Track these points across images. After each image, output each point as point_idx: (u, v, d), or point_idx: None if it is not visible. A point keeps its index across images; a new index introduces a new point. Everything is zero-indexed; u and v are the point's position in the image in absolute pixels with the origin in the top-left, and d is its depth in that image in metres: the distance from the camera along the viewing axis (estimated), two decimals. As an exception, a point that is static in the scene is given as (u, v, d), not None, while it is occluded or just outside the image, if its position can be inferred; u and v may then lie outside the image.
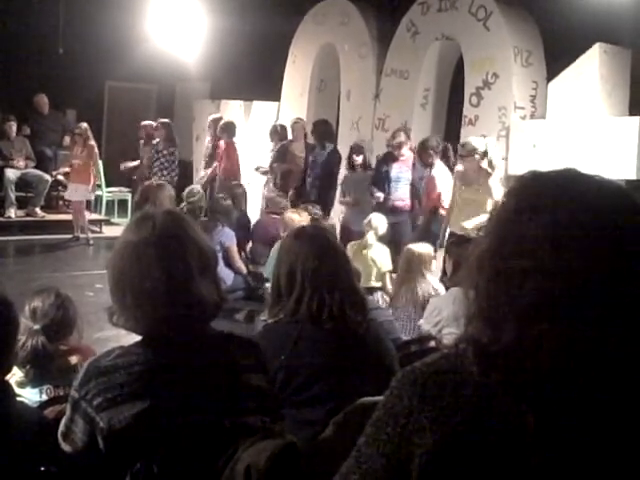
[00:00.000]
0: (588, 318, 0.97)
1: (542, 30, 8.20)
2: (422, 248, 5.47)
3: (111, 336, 2.11)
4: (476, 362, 1.05)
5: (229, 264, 7.29)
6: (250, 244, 8.34)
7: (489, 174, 6.64)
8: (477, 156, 6.63)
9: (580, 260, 0.98)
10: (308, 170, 9.34)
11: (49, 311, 2.91)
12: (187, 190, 7.88)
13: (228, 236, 7.41)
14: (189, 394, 1.84)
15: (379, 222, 6.71)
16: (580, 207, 1.02)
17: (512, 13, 8.17)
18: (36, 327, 2.84)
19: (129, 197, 12.16)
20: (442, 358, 1.14)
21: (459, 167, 6.96)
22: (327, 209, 8.78)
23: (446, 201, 7.22)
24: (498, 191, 6.44)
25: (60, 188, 11.87)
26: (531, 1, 8.11)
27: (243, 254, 7.95)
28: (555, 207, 1.03)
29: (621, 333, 0.97)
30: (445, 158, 7.69)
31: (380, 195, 7.98)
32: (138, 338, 1.90)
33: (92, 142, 10.73)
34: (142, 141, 11.31)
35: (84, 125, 10.79)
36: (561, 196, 1.05)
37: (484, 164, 6.65)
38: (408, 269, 5.34)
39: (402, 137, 8.11)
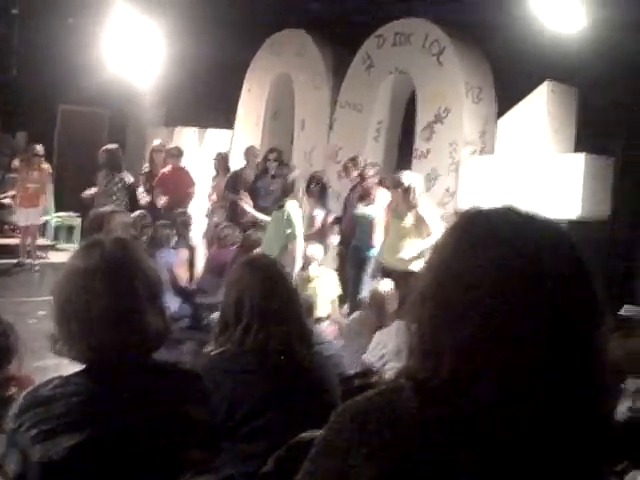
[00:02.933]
0: (523, 357, 0.98)
1: (493, 67, 8.39)
2: (388, 287, 5.53)
3: (51, 365, 2.07)
4: (414, 396, 1.06)
5: (175, 289, 7.24)
6: (200, 274, 8.28)
7: (415, 207, 6.77)
8: (399, 190, 6.78)
9: (516, 299, 1.00)
10: (259, 198, 9.33)
11: None
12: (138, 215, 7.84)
13: (171, 256, 7.40)
14: (129, 426, 1.81)
15: (315, 251, 6.79)
16: (518, 246, 1.04)
17: (465, 49, 8.34)
18: None
19: (77, 223, 11.99)
20: (382, 393, 1.14)
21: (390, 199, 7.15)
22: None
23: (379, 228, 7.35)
24: (432, 223, 6.61)
25: (5, 213, 11.63)
26: (483, 38, 8.28)
27: (189, 283, 7.88)
28: (494, 245, 1.05)
29: (555, 372, 0.99)
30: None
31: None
32: (79, 368, 1.87)
33: (46, 164, 10.58)
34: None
35: (39, 147, 10.60)
36: (500, 234, 1.07)
37: (409, 198, 6.78)
38: (374, 306, 5.37)
39: (348, 162, 8.27)
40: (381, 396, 1.13)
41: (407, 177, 6.96)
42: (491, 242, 1.06)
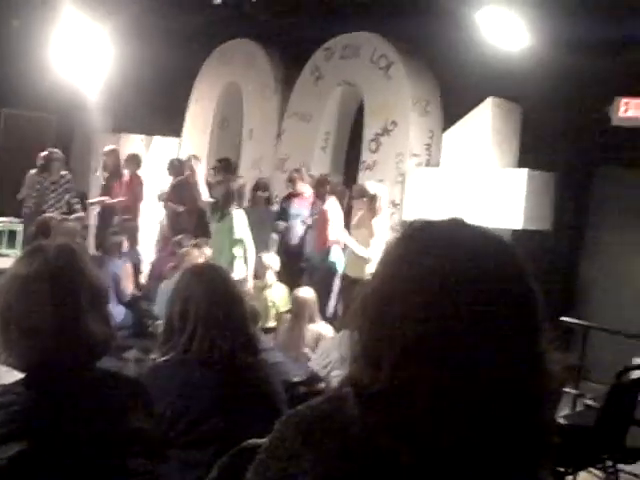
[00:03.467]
0: (457, 367, 1.01)
1: (439, 82, 8.53)
2: (307, 293, 5.54)
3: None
4: (357, 403, 1.07)
5: (120, 298, 7.17)
6: (146, 281, 8.22)
7: (375, 217, 6.87)
8: (365, 199, 6.85)
9: (452, 309, 1.02)
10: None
11: None
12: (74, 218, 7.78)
13: (119, 266, 7.33)
14: (71, 435, 1.78)
15: (272, 261, 6.78)
16: (456, 257, 1.06)
17: (412, 64, 8.46)
18: None
19: (19, 228, 11.75)
20: (326, 401, 1.15)
21: (353, 210, 7.19)
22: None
23: (333, 235, 7.34)
24: (381, 233, 6.66)
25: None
26: (430, 54, 8.41)
27: (134, 290, 7.80)
28: (434, 255, 1.06)
29: (491, 381, 1.01)
30: (341, 200, 7.81)
31: (282, 224, 8.09)
32: (20, 376, 1.84)
33: None
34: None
35: (57, 151, 10.37)
36: (441, 244, 1.08)
37: (373, 208, 6.86)
38: (297, 314, 5.39)
39: (294, 173, 8.31)
40: (324, 404, 1.14)
41: (373, 186, 7.05)
42: (431, 252, 1.07)
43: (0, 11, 10.76)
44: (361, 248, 6.72)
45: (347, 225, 7.61)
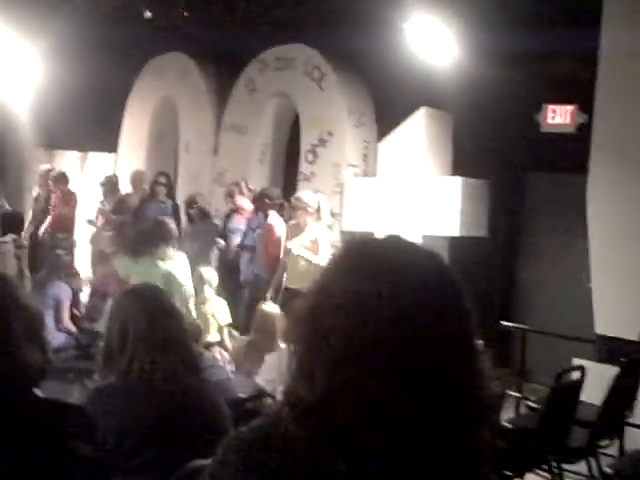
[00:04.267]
0: (384, 370, 1.05)
1: (372, 92, 8.64)
2: (275, 309, 5.55)
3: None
4: (293, 417, 1.09)
5: (61, 321, 7.04)
6: (87, 300, 8.09)
7: (317, 226, 6.95)
8: (309, 209, 6.89)
9: (377, 323, 1.06)
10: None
11: None
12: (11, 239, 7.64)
13: (63, 290, 7.18)
14: (11, 465, 1.77)
15: (210, 275, 6.75)
16: (383, 273, 1.10)
17: (345, 75, 8.55)
18: None
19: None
20: (266, 421, 1.17)
21: (292, 221, 7.19)
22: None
23: (294, 248, 7.35)
24: (325, 242, 6.78)
25: None
26: (363, 66, 8.51)
27: (76, 311, 7.68)
28: (364, 271, 1.11)
29: (416, 385, 1.05)
30: (280, 213, 7.82)
31: (221, 242, 8.08)
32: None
33: None
34: None
35: None
36: (372, 261, 1.13)
37: (314, 218, 6.92)
38: (267, 328, 5.35)
39: (233, 187, 8.32)
40: (266, 425, 1.16)
41: (313, 197, 7.13)
42: (363, 268, 1.11)
43: None
44: (316, 257, 6.76)
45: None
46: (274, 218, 7.65)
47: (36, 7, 9.39)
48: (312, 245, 6.89)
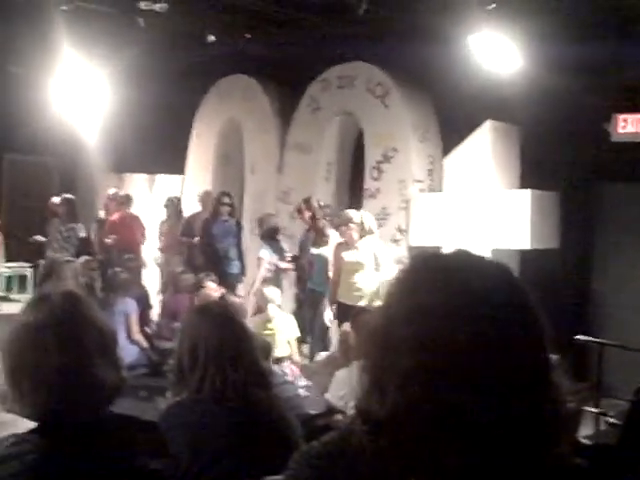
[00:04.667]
0: (459, 385, 1.03)
1: (436, 107, 8.58)
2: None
3: (9, 420, 2.00)
4: (365, 432, 1.08)
5: (131, 337, 7.15)
6: (158, 318, 8.22)
7: (367, 241, 7.04)
8: (352, 225, 6.89)
9: (452, 337, 1.04)
10: (216, 242, 9.32)
11: None
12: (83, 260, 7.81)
13: (130, 305, 7.32)
14: (86, 480, 1.78)
15: (273, 294, 6.81)
16: (458, 287, 1.09)
17: (408, 90, 8.52)
18: None
19: (29, 273, 11.82)
20: (338, 436, 1.17)
21: (340, 239, 7.26)
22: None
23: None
24: (384, 256, 6.89)
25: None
26: (426, 79, 8.46)
27: (147, 329, 7.79)
28: (435, 285, 1.10)
29: (489, 399, 1.02)
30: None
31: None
32: (33, 424, 1.84)
33: None
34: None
35: (69, 197, 10.47)
36: (443, 276, 1.11)
37: (360, 233, 7.01)
38: (346, 350, 5.34)
39: (302, 204, 8.31)
40: (337, 439, 1.16)
41: (355, 212, 7.22)
42: (434, 283, 1.10)
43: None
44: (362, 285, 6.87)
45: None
46: (334, 236, 7.68)
47: (103, 34, 9.65)
48: (368, 260, 6.93)
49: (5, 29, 9.51)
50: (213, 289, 6.96)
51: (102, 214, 10.89)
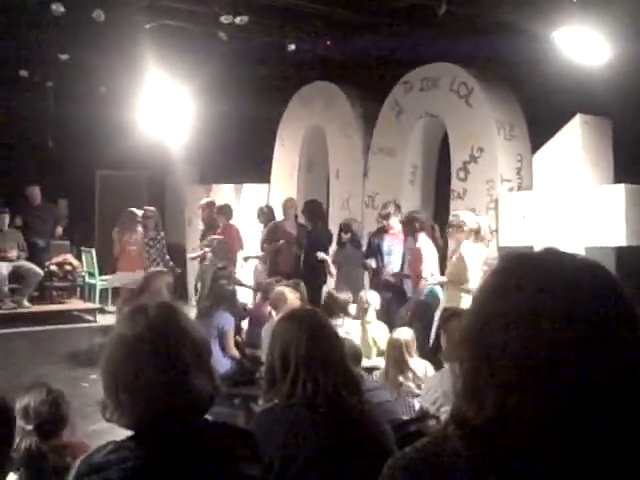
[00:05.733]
0: (564, 390, 0.99)
1: (523, 103, 8.40)
2: (405, 334, 5.47)
3: (107, 428, 2.05)
4: (461, 436, 1.07)
5: (225, 350, 7.22)
6: (247, 327, 8.30)
7: (472, 246, 6.83)
8: (465, 228, 6.75)
9: (553, 341, 1.01)
10: (301, 248, 9.40)
11: (41, 409, 2.86)
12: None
13: (227, 320, 7.38)
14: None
15: (374, 298, 6.77)
16: (554, 289, 1.05)
17: (493, 88, 8.37)
18: (29, 428, 2.78)
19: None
20: (431, 441, 1.15)
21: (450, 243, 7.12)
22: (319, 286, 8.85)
23: (426, 272, 7.28)
24: (473, 263, 6.68)
25: (54, 279, 11.87)
26: (511, 76, 8.31)
27: (238, 338, 7.88)
28: (532, 287, 1.06)
29: (595, 403, 0.99)
30: (432, 236, 7.71)
31: (372, 263, 8.06)
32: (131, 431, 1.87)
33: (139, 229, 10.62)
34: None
35: (138, 211, 10.77)
36: (538, 277, 1.08)
37: (472, 238, 6.79)
38: (395, 356, 5.30)
39: (390, 208, 8.22)
40: (430, 444, 1.14)
41: (471, 216, 7.02)
42: (529, 285, 1.07)
43: (87, 79, 11.27)
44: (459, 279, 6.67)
45: (444, 257, 7.52)
46: (423, 241, 7.56)
47: (186, 49, 9.87)
48: (456, 264, 6.77)
49: (94, 51, 9.85)
50: (292, 297, 6.94)
51: (201, 225, 11.02)
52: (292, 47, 9.34)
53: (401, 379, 5.13)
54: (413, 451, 1.15)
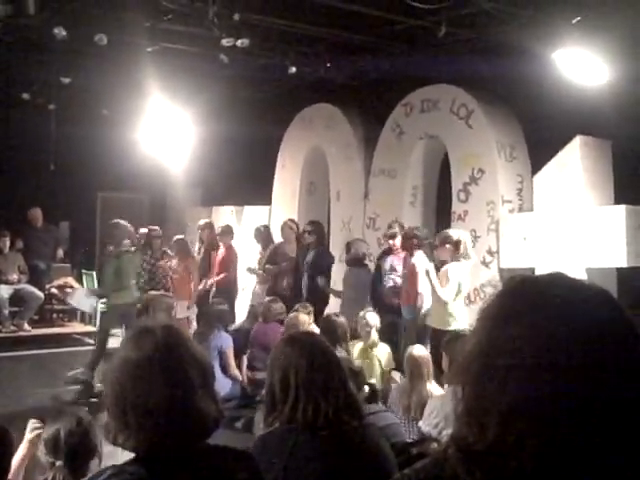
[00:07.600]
0: (568, 418, 0.98)
1: (523, 125, 8.42)
2: (421, 351, 5.45)
3: (106, 452, 2.02)
4: (461, 461, 1.06)
5: (225, 371, 7.19)
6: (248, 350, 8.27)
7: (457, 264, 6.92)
8: (448, 245, 6.84)
9: (558, 367, 1.00)
10: (303, 270, 9.37)
11: (71, 441, 2.77)
12: None
13: (225, 340, 7.36)
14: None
15: (375, 320, 6.75)
16: (561, 314, 1.05)
17: (493, 110, 8.40)
18: (58, 463, 2.71)
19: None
20: (430, 463, 1.15)
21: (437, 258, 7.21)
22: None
23: (421, 287, 7.36)
24: (454, 277, 6.82)
25: (54, 302, 11.85)
26: (511, 97, 8.33)
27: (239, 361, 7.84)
28: (537, 313, 1.06)
29: (600, 432, 0.98)
30: (431, 253, 7.71)
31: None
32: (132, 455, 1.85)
33: (194, 255, 10.47)
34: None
35: (157, 229, 10.74)
36: (544, 302, 1.07)
37: (460, 251, 6.89)
38: (412, 373, 5.28)
39: (396, 228, 8.22)
40: (430, 467, 1.14)
41: (455, 232, 7.13)
42: (535, 310, 1.06)
43: (89, 102, 11.33)
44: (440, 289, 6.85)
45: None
46: (418, 257, 7.57)
47: (187, 72, 9.93)
48: (440, 278, 6.91)
49: (96, 75, 9.91)
50: (306, 320, 6.93)
51: (197, 246, 10.97)
52: (293, 69, 9.40)
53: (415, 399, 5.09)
54: (412, 472, 1.14)
